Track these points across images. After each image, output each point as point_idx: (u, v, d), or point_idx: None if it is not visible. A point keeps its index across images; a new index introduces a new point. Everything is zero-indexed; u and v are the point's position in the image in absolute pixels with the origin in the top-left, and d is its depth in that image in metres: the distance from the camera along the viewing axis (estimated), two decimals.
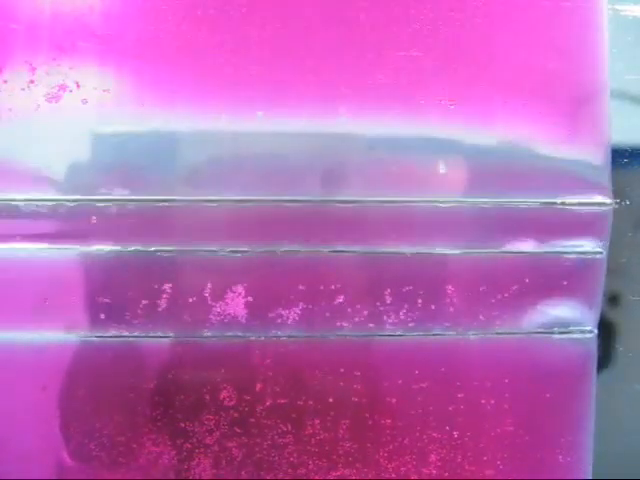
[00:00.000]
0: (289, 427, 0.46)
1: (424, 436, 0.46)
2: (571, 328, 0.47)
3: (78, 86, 0.44)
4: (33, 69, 0.44)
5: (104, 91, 0.44)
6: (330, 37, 0.45)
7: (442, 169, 0.45)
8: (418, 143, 0.45)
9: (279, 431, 0.46)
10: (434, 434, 0.46)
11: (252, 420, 0.45)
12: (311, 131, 0.45)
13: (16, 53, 0.44)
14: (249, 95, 0.44)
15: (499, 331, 0.46)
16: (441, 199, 0.45)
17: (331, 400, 0.46)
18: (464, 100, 0.45)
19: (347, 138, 0.45)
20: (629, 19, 0.48)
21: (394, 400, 0.46)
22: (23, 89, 0.44)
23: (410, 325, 0.46)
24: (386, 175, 0.45)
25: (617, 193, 0.47)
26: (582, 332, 0.47)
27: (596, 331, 0.47)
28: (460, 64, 0.46)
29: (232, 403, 0.45)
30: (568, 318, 0.47)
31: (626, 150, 0.48)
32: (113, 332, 0.45)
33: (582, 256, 0.46)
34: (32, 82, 0.44)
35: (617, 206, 0.47)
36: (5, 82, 0.44)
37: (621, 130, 0.48)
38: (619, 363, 0.50)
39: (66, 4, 0.45)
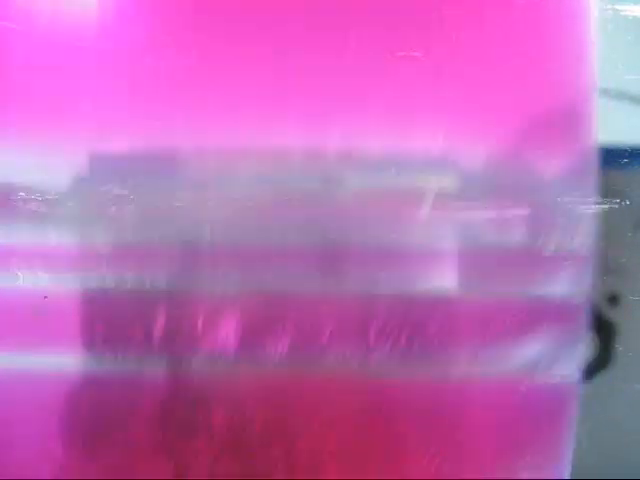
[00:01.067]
0: (278, 454, 0.46)
1: (405, 472, 0.47)
2: (553, 369, 0.47)
3: None
4: None
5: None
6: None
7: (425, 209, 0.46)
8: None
9: (268, 460, 0.46)
10: (415, 472, 0.47)
11: (242, 449, 0.46)
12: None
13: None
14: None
15: (481, 371, 0.47)
16: (427, 241, 0.46)
17: (318, 433, 0.46)
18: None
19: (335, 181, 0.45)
20: (629, 19, 0.48)
21: (378, 437, 0.47)
22: None
23: (395, 364, 0.46)
24: (375, 220, 0.46)
25: (617, 193, 0.47)
26: (564, 373, 0.47)
27: (578, 372, 0.48)
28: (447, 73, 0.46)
29: (222, 432, 0.46)
30: (550, 359, 0.47)
31: (626, 150, 0.48)
32: (106, 358, 0.45)
33: (565, 299, 0.47)
34: None
35: (617, 206, 0.47)
36: None
37: (621, 130, 0.48)
38: (619, 363, 0.50)
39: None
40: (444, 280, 0.46)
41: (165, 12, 0.46)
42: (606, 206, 0.47)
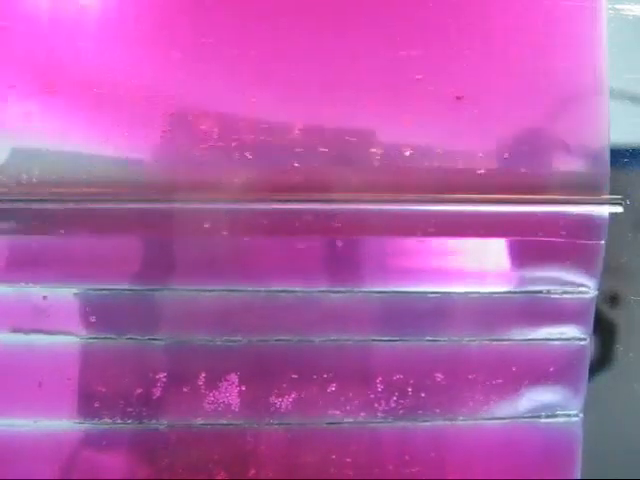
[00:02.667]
0: None
1: None
2: (557, 413, 0.48)
3: None
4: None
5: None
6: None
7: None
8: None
9: None
10: None
11: None
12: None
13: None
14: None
15: (486, 416, 0.47)
16: (430, 290, 0.46)
17: None
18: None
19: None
20: (629, 19, 0.48)
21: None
22: None
23: (400, 412, 0.46)
24: (377, 267, 0.46)
25: (617, 193, 0.47)
26: (568, 416, 0.48)
27: (581, 415, 0.48)
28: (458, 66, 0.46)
29: None
30: (554, 403, 0.47)
31: (626, 150, 0.48)
32: (107, 420, 0.45)
33: (567, 343, 0.47)
34: None
35: (622, 208, 0.47)
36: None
37: (621, 130, 0.48)
38: (619, 363, 0.50)
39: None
40: (451, 326, 0.46)
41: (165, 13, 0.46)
42: (606, 206, 0.47)
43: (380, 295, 0.46)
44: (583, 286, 0.47)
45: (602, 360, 0.49)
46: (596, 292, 0.47)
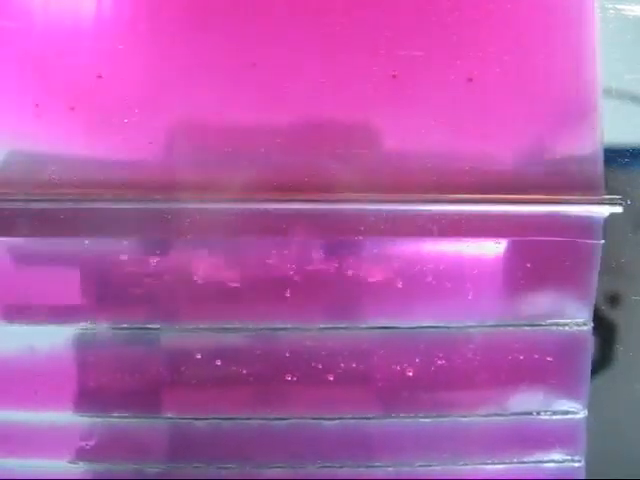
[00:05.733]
0: None
1: None
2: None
3: None
4: None
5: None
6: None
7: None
8: None
9: None
10: None
11: None
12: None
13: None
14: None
15: None
16: (422, 415, 0.46)
17: None
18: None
19: None
20: (629, 19, 0.48)
21: None
22: None
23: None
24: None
25: (617, 193, 0.47)
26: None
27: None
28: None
29: None
30: None
31: (626, 150, 0.48)
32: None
33: (560, 465, 0.47)
34: None
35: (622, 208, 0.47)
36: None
37: (621, 130, 0.48)
38: (619, 363, 0.50)
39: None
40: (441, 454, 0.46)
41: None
42: (607, 206, 0.47)
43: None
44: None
45: (602, 360, 0.49)
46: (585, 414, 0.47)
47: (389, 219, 0.45)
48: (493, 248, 0.46)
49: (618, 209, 0.46)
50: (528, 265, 0.46)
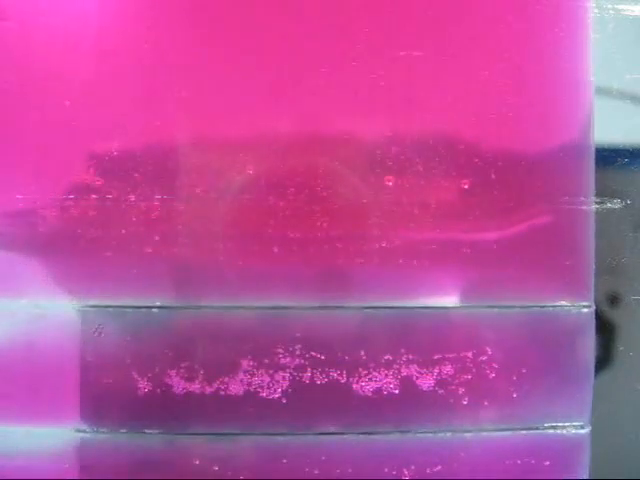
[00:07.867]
0: None
1: None
2: None
3: None
4: None
5: None
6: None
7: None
8: None
9: None
10: None
11: None
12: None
13: None
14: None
15: None
16: (420, 430, 0.46)
17: None
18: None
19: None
20: (629, 19, 0.48)
21: None
22: None
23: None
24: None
25: (617, 193, 0.47)
26: None
27: None
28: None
29: None
30: None
31: (626, 150, 0.48)
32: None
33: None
34: None
35: (617, 206, 0.47)
36: None
37: (621, 130, 0.48)
38: (619, 363, 0.50)
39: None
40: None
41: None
42: (606, 206, 0.47)
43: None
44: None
45: (602, 360, 0.49)
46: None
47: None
48: None
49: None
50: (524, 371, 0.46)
